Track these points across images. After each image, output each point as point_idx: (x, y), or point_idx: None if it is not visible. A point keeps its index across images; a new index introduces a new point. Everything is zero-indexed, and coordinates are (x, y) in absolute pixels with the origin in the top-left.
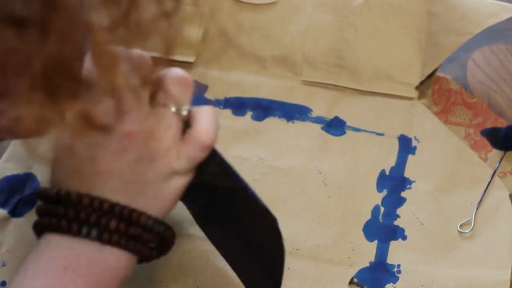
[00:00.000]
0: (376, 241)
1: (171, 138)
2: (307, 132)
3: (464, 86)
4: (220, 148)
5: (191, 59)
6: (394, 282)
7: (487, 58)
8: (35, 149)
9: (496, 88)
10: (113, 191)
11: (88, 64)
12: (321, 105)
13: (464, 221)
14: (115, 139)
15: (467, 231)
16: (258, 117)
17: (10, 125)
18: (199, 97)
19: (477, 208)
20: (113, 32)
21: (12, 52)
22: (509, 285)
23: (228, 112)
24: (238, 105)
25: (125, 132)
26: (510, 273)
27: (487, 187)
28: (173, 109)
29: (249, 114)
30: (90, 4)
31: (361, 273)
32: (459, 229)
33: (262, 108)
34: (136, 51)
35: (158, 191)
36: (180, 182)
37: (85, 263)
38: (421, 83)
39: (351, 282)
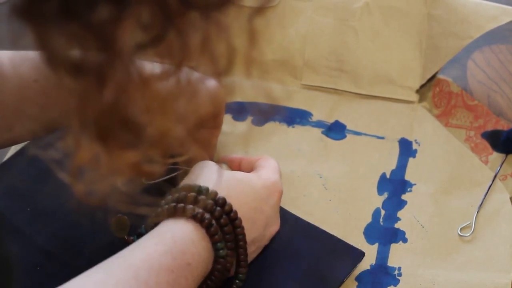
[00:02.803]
0: (376, 244)
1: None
2: (307, 137)
3: (464, 86)
4: (221, 154)
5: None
6: (395, 285)
7: (487, 58)
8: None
9: (496, 88)
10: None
11: (137, 110)
12: (322, 109)
13: (465, 224)
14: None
15: (468, 234)
16: (259, 122)
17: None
18: None
19: (477, 211)
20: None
21: (70, 93)
22: None
23: (228, 117)
24: (238, 110)
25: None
26: (511, 277)
27: (488, 190)
28: None
29: (249, 119)
30: (144, 55)
31: (362, 275)
32: (460, 233)
33: (263, 113)
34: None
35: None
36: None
37: (203, 266)
38: (422, 86)
39: None
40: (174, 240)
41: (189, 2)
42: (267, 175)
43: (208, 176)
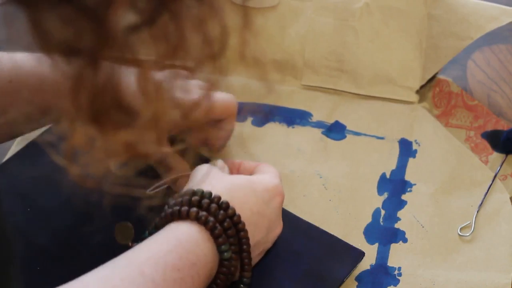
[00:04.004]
0: (376, 244)
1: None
2: (307, 137)
3: (464, 86)
4: (222, 155)
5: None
6: (395, 285)
7: (487, 58)
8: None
9: (496, 88)
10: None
11: (131, 93)
12: (322, 109)
13: (465, 224)
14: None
15: (468, 234)
16: (259, 123)
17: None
18: None
19: (477, 211)
20: (159, 67)
21: (64, 75)
22: None
23: None
24: (238, 111)
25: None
26: (511, 277)
27: (488, 190)
28: None
29: (249, 119)
30: (140, 38)
31: (362, 275)
32: (459, 232)
33: (262, 114)
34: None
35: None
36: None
37: (208, 267)
38: (422, 86)
39: None
40: (179, 240)
41: None
42: (268, 179)
43: (210, 180)
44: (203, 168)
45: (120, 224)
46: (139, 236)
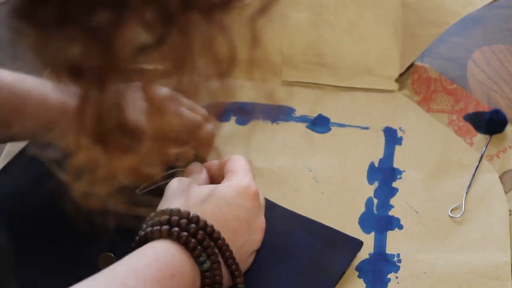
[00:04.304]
0: (373, 233)
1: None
2: (292, 132)
3: (464, 86)
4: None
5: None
6: (396, 272)
7: (487, 58)
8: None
9: (496, 88)
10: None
11: (136, 114)
12: (304, 104)
13: (455, 206)
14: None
15: (458, 215)
16: (243, 121)
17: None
18: None
19: (466, 193)
20: (166, 82)
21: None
22: (510, 266)
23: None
24: (222, 111)
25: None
26: (509, 255)
27: (475, 171)
28: None
29: (233, 119)
30: (147, 57)
31: (362, 265)
32: (450, 214)
33: (246, 112)
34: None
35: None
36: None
37: (188, 278)
38: (401, 74)
39: None
40: (156, 254)
41: (190, 3)
42: (237, 182)
43: (178, 197)
44: (173, 185)
45: (104, 255)
46: None
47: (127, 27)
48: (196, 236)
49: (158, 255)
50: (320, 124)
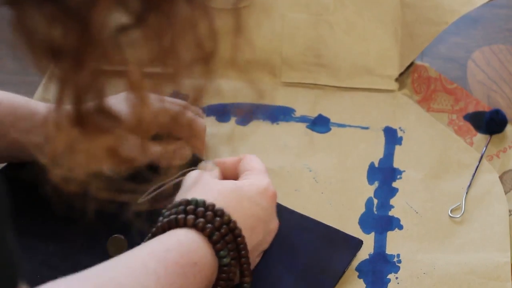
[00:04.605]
0: (373, 233)
1: None
2: (292, 132)
3: (464, 86)
4: (209, 156)
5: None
6: (396, 272)
7: (487, 58)
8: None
9: (496, 88)
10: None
11: (116, 100)
12: (304, 104)
13: (454, 206)
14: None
15: (458, 216)
16: (242, 122)
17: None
18: None
19: (466, 193)
20: (150, 67)
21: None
22: (510, 266)
23: (212, 119)
24: (221, 112)
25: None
26: (509, 255)
27: (475, 171)
28: None
29: (233, 119)
30: (131, 40)
31: (362, 265)
32: (450, 214)
33: (246, 113)
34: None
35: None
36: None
37: (208, 269)
38: (401, 74)
39: None
40: (179, 242)
41: None
42: (258, 181)
43: (202, 188)
44: (193, 175)
45: (113, 238)
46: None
47: (104, 6)
48: (220, 230)
49: (181, 242)
50: (320, 124)
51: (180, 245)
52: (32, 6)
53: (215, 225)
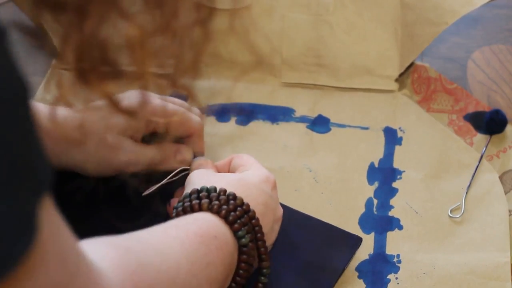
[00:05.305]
0: (373, 233)
1: None
2: (292, 132)
3: (464, 86)
4: (209, 155)
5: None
6: (396, 272)
7: (487, 58)
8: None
9: (496, 88)
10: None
11: (116, 47)
12: (304, 104)
13: (454, 206)
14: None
15: (458, 216)
16: (242, 122)
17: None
18: None
19: (466, 193)
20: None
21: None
22: (509, 266)
23: (212, 119)
24: (221, 112)
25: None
26: (509, 255)
27: (475, 171)
28: None
29: (233, 119)
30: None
31: (362, 265)
32: (450, 214)
33: (246, 113)
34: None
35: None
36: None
37: (228, 248)
38: (401, 74)
39: None
40: (197, 219)
41: None
42: (257, 170)
43: (208, 179)
44: (196, 172)
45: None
46: None
47: None
48: (235, 212)
49: (199, 219)
50: (320, 124)
51: (199, 220)
52: None
53: (230, 208)
